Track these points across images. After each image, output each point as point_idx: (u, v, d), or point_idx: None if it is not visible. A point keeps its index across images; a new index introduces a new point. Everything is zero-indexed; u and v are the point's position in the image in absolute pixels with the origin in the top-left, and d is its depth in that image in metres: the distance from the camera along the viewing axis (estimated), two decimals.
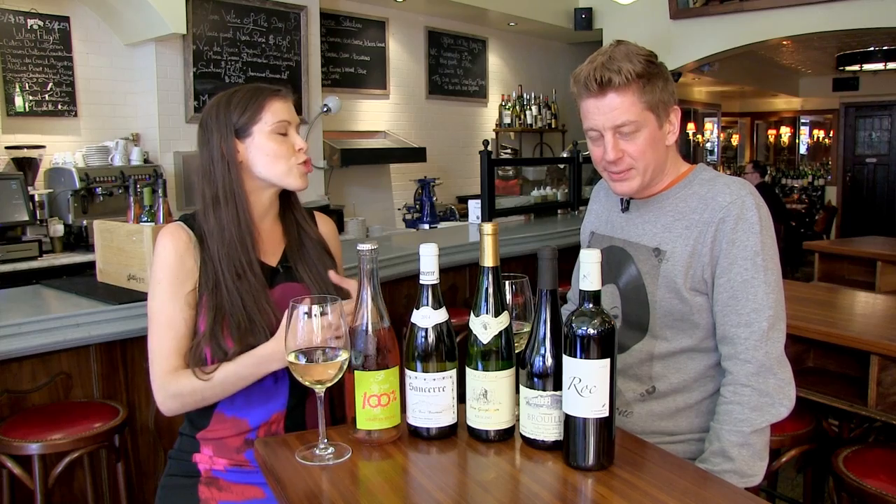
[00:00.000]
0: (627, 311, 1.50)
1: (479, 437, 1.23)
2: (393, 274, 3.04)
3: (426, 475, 1.16)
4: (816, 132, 12.13)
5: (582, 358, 1.10)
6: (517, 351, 1.24)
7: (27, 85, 4.19)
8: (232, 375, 1.35)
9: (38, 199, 3.91)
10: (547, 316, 1.18)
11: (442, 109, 6.83)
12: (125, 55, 4.61)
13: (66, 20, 4.35)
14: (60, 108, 4.35)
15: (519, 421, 1.23)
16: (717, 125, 12.01)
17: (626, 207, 1.56)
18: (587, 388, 1.10)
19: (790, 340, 1.48)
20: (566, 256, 1.54)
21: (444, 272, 1.28)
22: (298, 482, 1.12)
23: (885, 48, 8.33)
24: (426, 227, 5.44)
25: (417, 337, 1.23)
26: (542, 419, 1.18)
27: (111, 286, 2.48)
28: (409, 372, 1.24)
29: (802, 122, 12.33)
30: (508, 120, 7.23)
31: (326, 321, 1.16)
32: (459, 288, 3.63)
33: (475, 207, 4.40)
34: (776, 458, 2.11)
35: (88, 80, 4.47)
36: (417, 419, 1.24)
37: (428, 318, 1.23)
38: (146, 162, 4.41)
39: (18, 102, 4.14)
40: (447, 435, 1.25)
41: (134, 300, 2.27)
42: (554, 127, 7.62)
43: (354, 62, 6.02)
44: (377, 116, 6.24)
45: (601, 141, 1.43)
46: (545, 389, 1.17)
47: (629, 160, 1.42)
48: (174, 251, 1.42)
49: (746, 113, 12.67)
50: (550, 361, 1.17)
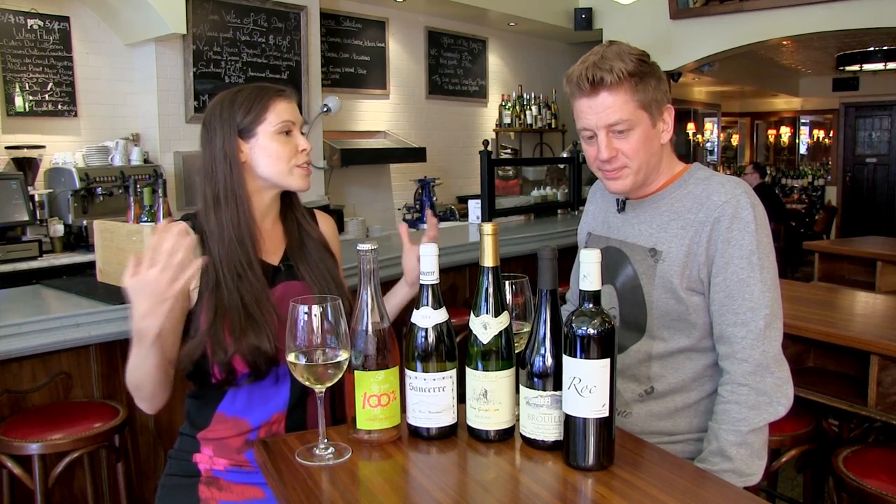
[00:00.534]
0: (625, 311, 1.50)
1: (479, 437, 1.23)
2: (393, 274, 3.02)
3: (426, 475, 1.16)
4: (816, 132, 12.13)
5: (582, 358, 1.10)
6: (517, 351, 1.25)
7: (27, 85, 4.19)
8: (131, 358, 1.29)
9: (38, 199, 3.91)
10: (547, 316, 1.18)
11: (442, 109, 6.83)
12: (125, 55, 4.61)
13: (66, 20, 4.35)
14: (60, 108, 4.34)
15: (519, 421, 1.23)
16: (717, 125, 12.01)
17: (621, 208, 1.56)
18: (587, 388, 1.10)
19: (790, 340, 1.48)
20: (566, 256, 1.54)
21: (444, 272, 1.28)
22: (298, 482, 1.12)
23: (885, 48, 8.33)
24: (426, 227, 5.43)
25: (417, 337, 1.23)
26: (542, 419, 1.18)
27: (111, 286, 2.48)
28: (409, 372, 1.24)
29: (802, 122, 12.33)
30: (508, 120, 7.23)
31: (326, 321, 1.16)
32: (459, 288, 3.63)
33: (475, 207, 4.40)
34: (776, 458, 2.11)
35: (88, 80, 4.47)
36: (417, 419, 1.24)
37: (428, 318, 1.23)
38: (146, 162, 4.40)
39: (18, 102, 4.14)
40: (447, 435, 1.25)
41: None
42: (554, 127, 7.62)
43: (354, 62, 6.02)
44: (377, 116, 6.24)
45: (595, 140, 1.43)
46: (545, 389, 1.17)
47: (623, 159, 1.42)
48: None
49: (746, 113, 12.67)
50: (550, 361, 1.17)
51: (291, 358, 1.16)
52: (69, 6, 4.37)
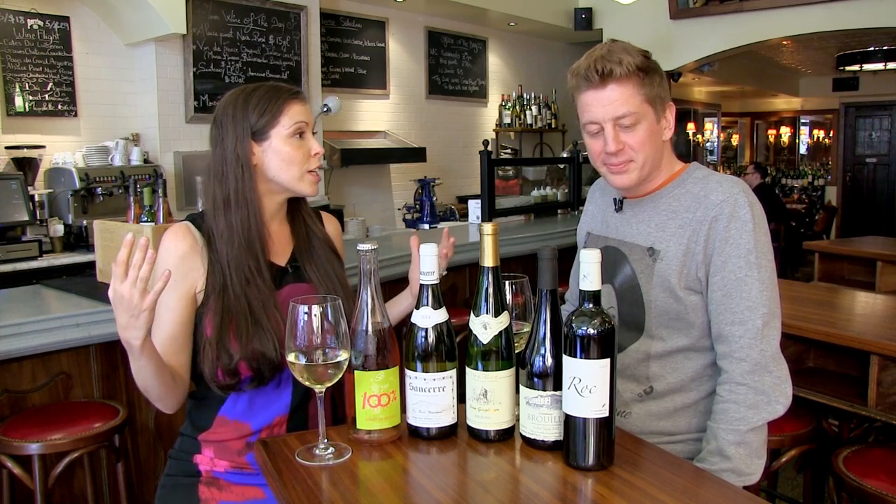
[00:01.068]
0: (623, 311, 1.50)
1: (479, 437, 1.23)
2: (393, 274, 3.04)
3: (426, 475, 1.16)
4: (816, 132, 12.13)
5: (582, 358, 1.10)
6: (517, 351, 1.25)
7: (27, 85, 4.19)
8: (131, 364, 1.29)
9: (38, 199, 3.91)
10: (547, 316, 1.18)
11: (442, 109, 6.83)
12: (125, 55, 4.61)
13: (66, 20, 4.35)
14: (60, 108, 4.35)
15: (519, 421, 1.23)
16: (717, 125, 12.01)
17: (619, 207, 1.56)
18: (587, 388, 1.10)
19: (790, 340, 1.48)
20: (566, 256, 1.54)
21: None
22: (298, 482, 1.12)
23: (885, 48, 8.33)
24: (426, 227, 5.44)
25: (417, 337, 1.23)
26: (542, 419, 1.18)
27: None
28: (409, 372, 1.24)
29: (802, 122, 12.33)
30: (508, 120, 7.24)
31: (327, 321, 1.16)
32: (459, 288, 3.63)
33: (475, 207, 4.40)
34: (776, 458, 2.11)
35: (88, 80, 4.47)
36: (417, 419, 1.24)
37: (428, 318, 1.23)
38: (146, 162, 4.41)
39: (18, 102, 4.14)
40: (447, 435, 1.25)
41: None
42: (554, 127, 7.62)
43: (354, 62, 6.02)
44: (377, 116, 6.25)
45: (601, 134, 1.43)
46: (545, 389, 1.17)
47: (629, 152, 1.42)
48: (175, 252, 1.42)
49: (746, 113, 12.67)
50: (550, 361, 1.17)
51: (291, 358, 1.16)
52: (69, 6, 4.37)
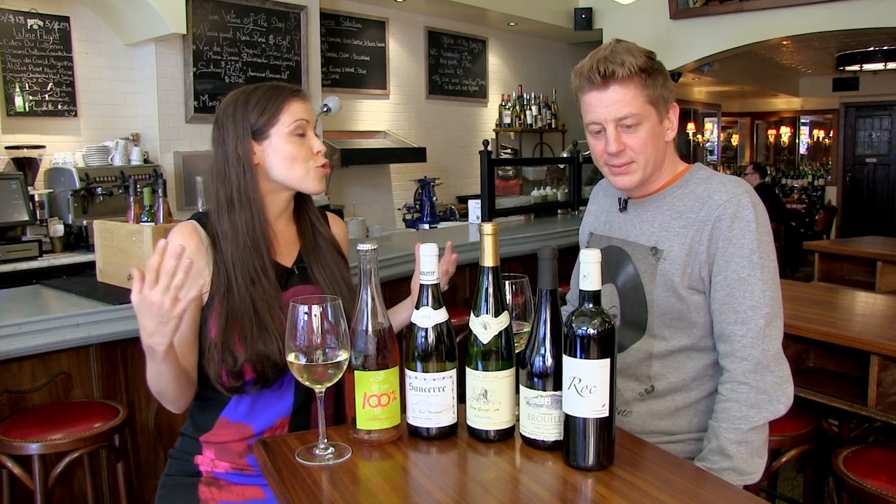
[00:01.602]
0: (626, 310, 1.50)
1: (479, 437, 1.23)
2: (393, 274, 3.04)
3: (426, 475, 1.16)
4: (816, 132, 12.13)
5: (582, 358, 1.10)
6: (517, 351, 1.25)
7: (27, 85, 4.19)
8: (148, 369, 1.30)
9: (38, 199, 3.91)
10: (547, 316, 1.18)
11: (442, 109, 6.82)
12: (125, 55, 4.61)
13: (66, 20, 4.35)
14: (60, 108, 4.34)
15: (519, 421, 1.23)
16: (717, 125, 12.00)
17: (623, 207, 1.57)
18: (587, 388, 1.10)
19: (790, 340, 1.48)
20: (566, 256, 1.54)
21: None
22: (298, 482, 1.12)
23: (885, 48, 8.33)
24: (426, 227, 5.44)
25: (417, 337, 1.23)
26: (542, 419, 1.18)
27: (111, 286, 2.48)
28: (409, 372, 1.24)
29: (802, 122, 12.32)
30: (508, 120, 7.23)
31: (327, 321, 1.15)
32: (459, 288, 3.63)
33: (475, 207, 4.40)
34: (776, 458, 2.11)
35: (88, 80, 4.47)
36: (417, 419, 1.24)
37: (428, 318, 1.23)
38: (146, 162, 4.40)
39: (18, 102, 4.14)
40: (447, 435, 1.25)
41: None
42: (554, 127, 7.62)
43: (354, 62, 6.02)
44: (377, 116, 6.24)
45: (602, 135, 1.43)
46: (545, 389, 1.17)
47: (631, 153, 1.42)
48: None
49: (746, 113, 12.67)
50: (550, 361, 1.17)
51: (291, 358, 1.16)
52: (69, 6, 4.37)
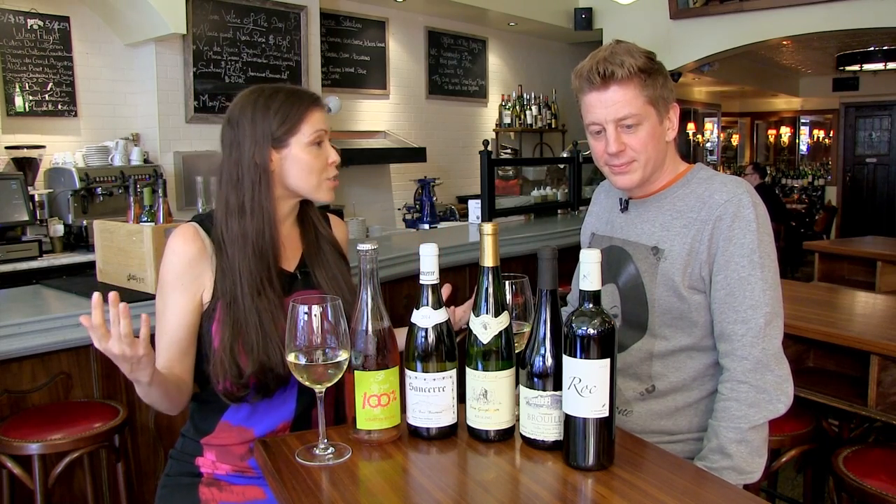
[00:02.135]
0: (627, 310, 1.50)
1: (479, 437, 1.23)
2: (393, 274, 3.04)
3: (426, 475, 1.16)
4: (816, 132, 12.13)
5: (582, 358, 1.10)
6: (517, 351, 1.25)
7: (27, 85, 4.19)
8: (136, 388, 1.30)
9: (38, 199, 3.91)
10: (547, 316, 1.18)
11: (442, 109, 6.82)
12: (125, 55, 4.60)
13: (66, 20, 4.35)
14: (60, 108, 4.34)
15: (519, 421, 1.23)
16: (717, 125, 12.01)
17: (625, 207, 1.57)
18: (587, 388, 1.10)
19: (790, 340, 1.48)
20: (566, 256, 1.54)
21: (444, 272, 1.27)
22: (298, 482, 1.12)
23: (885, 48, 8.33)
24: (426, 227, 5.43)
25: (417, 337, 1.23)
26: (542, 419, 1.18)
27: (111, 286, 2.48)
28: (409, 372, 1.24)
29: (802, 122, 12.32)
30: (508, 120, 7.23)
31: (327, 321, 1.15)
32: (459, 288, 3.63)
33: (475, 207, 4.40)
34: (776, 458, 2.11)
35: (88, 80, 4.47)
36: (417, 419, 1.24)
37: (428, 318, 1.23)
38: (146, 162, 4.41)
39: (18, 102, 4.14)
40: (447, 435, 1.25)
41: (134, 300, 2.26)
42: (554, 127, 7.62)
43: (354, 62, 6.02)
44: (377, 116, 6.24)
45: (603, 135, 1.44)
46: (545, 389, 1.17)
47: (631, 153, 1.43)
48: (184, 256, 1.40)
49: (746, 113, 12.67)
50: (550, 361, 1.17)
51: (291, 358, 1.16)
52: (69, 6, 4.37)
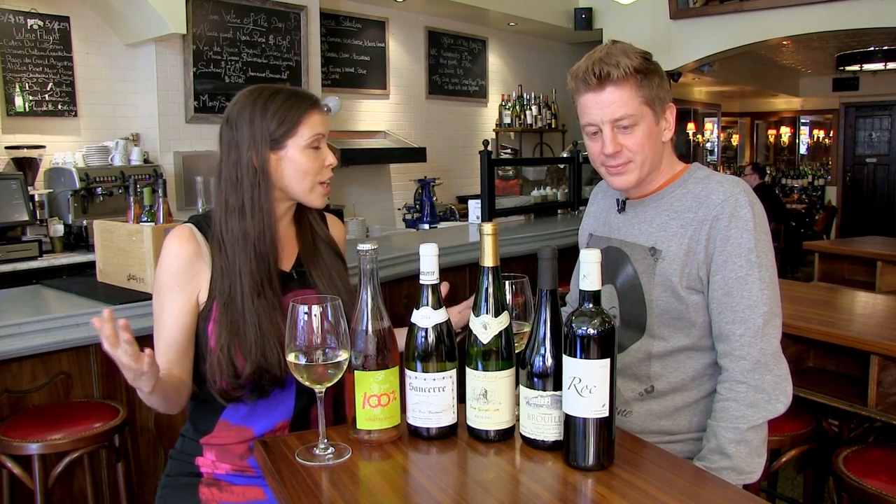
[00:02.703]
0: (625, 310, 1.50)
1: (479, 437, 1.23)
2: (393, 274, 3.04)
3: (426, 475, 1.16)
4: (816, 132, 12.13)
5: (582, 358, 1.10)
6: (517, 351, 1.25)
7: (27, 85, 4.19)
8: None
9: (38, 199, 3.91)
10: (547, 316, 1.18)
11: (442, 109, 6.83)
12: (125, 55, 4.61)
13: (66, 20, 4.35)
14: (60, 108, 4.35)
15: (519, 421, 1.23)
16: (717, 125, 12.01)
17: (622, 208, 1.57)
18: (587, 388, 1.10)
19: (790, 340, 1.48)
20: (566, 256, 1.55)
21: (444, 272, 1.27)
22: (298, 482, 1.12)
23: (885, 48, 8.33)
24: (426, 227, 5.43)
25: (417, 337, 1.23)
26: (542, 419, 1.18)
27: (111, 286, 2.48)
28: (409, 372, 1.24)
29: (802, 122, 12.33)
30: (508, 120, 7.23)
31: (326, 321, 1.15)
32: (459, 288, 3.63)
33: (475, 207, 4.40)
34: (776, 458, 2.11)
35: (88, 80, 4.47)
36: (417, 419, 1.24)
37: (428, 318, 1.23)
38: (146, 162, 4.41)
39: (18, 102, 4.14)
40: (447, 435, 1.25)
41: (134, 300, 2.27)
42: (554, 127, 7.62)
43: (354, 62, 6.02)
44: (377, 116, 6.24)
45: (599, 136, 1.44)
46: (545, 389, 1.17)
47: (627, 153, 1.43)
48: (180, 258, 1.40)
49: (746, 113, 12.67)
50: (550, 361, 1.17)
51: (291, 358, 1.16)
52: (69, 6, 4.37)
